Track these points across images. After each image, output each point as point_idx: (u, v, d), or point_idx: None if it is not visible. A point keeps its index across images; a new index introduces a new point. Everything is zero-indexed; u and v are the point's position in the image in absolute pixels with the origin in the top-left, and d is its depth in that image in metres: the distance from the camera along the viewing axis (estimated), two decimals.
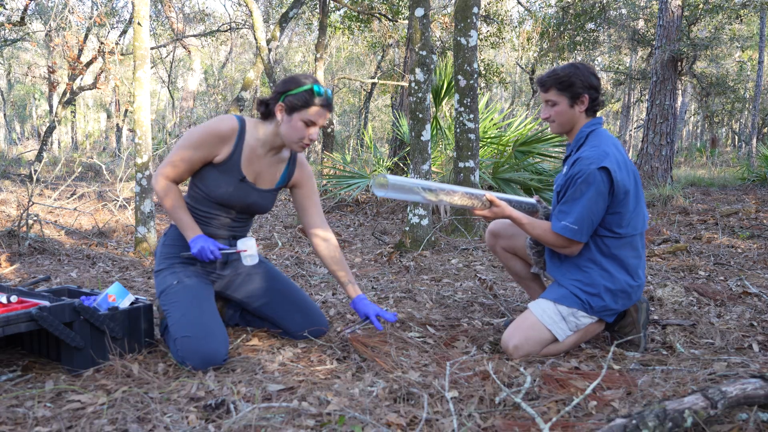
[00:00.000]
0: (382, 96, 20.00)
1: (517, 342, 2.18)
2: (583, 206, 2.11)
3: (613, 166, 2.09)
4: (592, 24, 12.26)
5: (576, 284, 2.22)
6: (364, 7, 11.57)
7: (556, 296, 2.23)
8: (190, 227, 2.22)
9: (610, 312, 2.24)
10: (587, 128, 2.23)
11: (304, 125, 2.16)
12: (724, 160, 17.51)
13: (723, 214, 6.17)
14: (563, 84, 2.19)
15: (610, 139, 2.20)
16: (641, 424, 1.45)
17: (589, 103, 2.21)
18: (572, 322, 2.21)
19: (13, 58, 24.64)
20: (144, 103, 4.24)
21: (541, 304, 2.25)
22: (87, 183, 9.77)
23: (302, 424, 1.63)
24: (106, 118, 29.45)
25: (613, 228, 2.17)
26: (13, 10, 11.87)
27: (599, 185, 2.09)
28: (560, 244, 2.20)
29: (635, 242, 2.22)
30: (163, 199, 2.22)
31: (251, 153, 2.25)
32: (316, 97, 2.14)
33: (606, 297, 2.20)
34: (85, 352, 2.02)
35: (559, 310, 2.21)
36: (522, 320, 2.23)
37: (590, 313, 2.21)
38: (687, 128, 27.92)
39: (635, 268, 2.23)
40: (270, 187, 2.36)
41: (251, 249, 2.27)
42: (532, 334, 2.18)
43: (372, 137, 9.42)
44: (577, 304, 2.20)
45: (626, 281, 2.21)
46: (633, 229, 2.19)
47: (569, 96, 2.19)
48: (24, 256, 4.12)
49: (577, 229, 2.13)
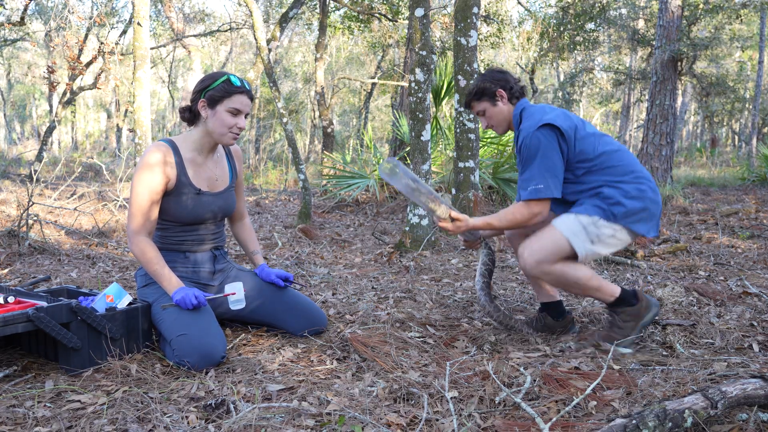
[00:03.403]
0: (382, 96, 20.00)
1: (534, 247, 2.19)
2: (539, 166, 2.21)
3: (551, 118, 2.22)
4: (592, 24, 12.25)
5: (593, 200, 2.25)
6: (364, 7, 11.57)
7: (577, 209, 2.25)
8: (168, 280, 2.18)
9: (635, 218, 2.22)
10: (517, 110, 2.40)
11: (230, 115, 2.22)
12: (724, 160, 17.50)
13: (723, 214, 6.17)
14: (477, 94, 2.43)
15: (542, 106, 2.33)
16: (641, 424, 1.45)
17: (507, 94, 2.40)
18: (593, 232, 2.20)
19: (13, 58, 24.65)
20: (144, 103, 4.23)
21: (561, 217, 2.27)
22: (87, 183, 9.77)
23: (302, 424, 1.63)
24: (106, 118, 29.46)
25: (587, 161, 2.25)
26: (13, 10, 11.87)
27: (545, 142, 2.20)
28: (533, 211, 2.25)
29: (617, 160, 2.26)
30: (140, 258, 2.20)
31: (193, 164, 2.29)
32: (234, 86, 2.21)
33: (626, 202, 2.21)
34: (83, 353, 2.02)
35: (580, 219, 2.22)
36: (541, 231, 2.25)
37: (613, 221, 2.21)
38: (687, 128, 27.91)
39: (636, 179, 2.25)
40: (225, 187, 2.41)
41: (239, 293, 2.29)
42: (548, 243, 2.19)
43: (372, 137, 9.42)
44: (598, 212, 2.21)
45: (637, 188, 2.23)
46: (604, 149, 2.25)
47: (488, 98, 2.41)
48: (24, 256, 4.11)
49: (542, 188, 2.21)
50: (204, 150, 2.32)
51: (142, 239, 2.20)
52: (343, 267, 4.04)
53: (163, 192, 2.24)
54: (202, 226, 2.35)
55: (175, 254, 2.32)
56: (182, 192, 2.26)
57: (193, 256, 2.36)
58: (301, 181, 6.34)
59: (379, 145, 18.22)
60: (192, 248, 2.35)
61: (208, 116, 2.24)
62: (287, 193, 10.10)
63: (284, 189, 10.95)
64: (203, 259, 2.38)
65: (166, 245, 2.32)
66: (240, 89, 2.21)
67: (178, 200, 2.26)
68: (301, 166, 6.38)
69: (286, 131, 6.30)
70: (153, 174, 2.19)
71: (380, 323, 2.56)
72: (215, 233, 2.42)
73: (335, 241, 5.17)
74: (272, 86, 6.29)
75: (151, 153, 2.21)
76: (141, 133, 4.22)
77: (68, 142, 28.10)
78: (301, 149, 20.69)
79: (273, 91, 6.31)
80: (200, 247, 2.37)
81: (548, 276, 2.22)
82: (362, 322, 2.58)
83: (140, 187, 2.18)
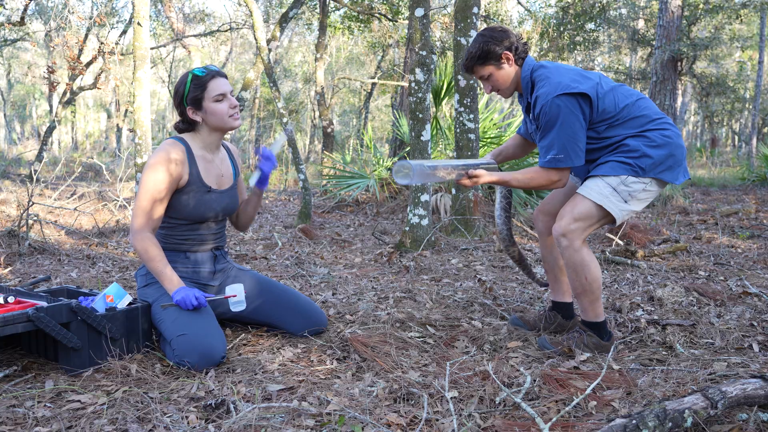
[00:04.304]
0: (382, 96, 20.00)
1: (571, 214, 2.14)
2: (559, 134, 2.12)
3: (570, 85, 2.11)
4: (592, 24, 12.26)
5: (618, 155, 2.18)
6: (364, 7, 11.57)
7: (602, 170, 2.18)
8: (169, 279, 2.18)
9: (662, 167, 2.16)
10: (526, 72, 2.26)
11: (218, 103, 2.24)
12: (724, 160, 17.50)
13: (723, 214, 6.17)
14: (481, 57, 2.24)
15: (557, 66, 2.22)
16: (641, 424, 1.45)
17: (513, 55, 2.24)
18: (624, 191, 2.15)
19: (13, 58, 24.64)
20: (144, 103, 4.24)
21: (588, 183, 2.20)
22: (87, 183, 9.77)
23: (302, 424, 1.63)
24: (106, 118, 29.46)
25: (610, 117, 2.17)
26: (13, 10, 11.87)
27: (564, 110, 2.10)
28: (551, 178, 2.19)
29: (638, 110, 2.18)
30: (143, 255, 2.20)
31: (204, 162, 2.32)
32: (201, 77, 2.23)
33: (652, 152, 2.14)
34: (83, 353, 2.02)
35: (608, 182, 2.16)
36: (571, 204, 2.19)
37: (642, 175, 2.15)
38: (687, 128, 27.90)
39: (660, 124, 2.18)
40: (230, 185, 2.43)
41: (240, 294, 2.29)
42: (583, 211, 2.14)
43: (372, 137, 9.42)
44: (625, 170, 2.15)
45: (661, 134, 2.16)
46: (625, 102, 2.18)
47: (493, 61, 2.24)
48: (24, 256, 4.11)
49: (563, 157, 2.14)
50: (212, 147, 2.35)
51: (146, 236, 2.20)
52: (343, 267, 4.04)
53: (173, 189, 2.24)
54: (204, 225, 2.35)
55: (175, 254, 2.33)
56: (193, 189, 2.27)
57: (194, 255, 2.36)
58: (301, 181, 6.34)
59: (379, 145, 18.21)
60: (193, 248, 2.35)
61: (203, 117, 2.27)
62: (287, 193, 10.10)
63: (284, 189, 10.95)
64: (204, 259, 2.38)
65: (167, 244, 2.32)
66: (209, 76, 2.23)
67: (189, 197, 2.27)
68: (301, 166, 6.38)
69: (286, 131, 6.30)
70: (164, 171, 2.19)
71: (380, 323, 2.56)
72: (216, 233, 2.42)
73: (335, 241, 5.17)
74: (272, 86, 6.29)
75: (165, 150, 2.21)
76: (141, 133, 4.22)
77: (68, 142, 28.10)
78: (301, 149, 20.69)
79: (273, 91, 6.31)
80: (201, 246, 2.37)
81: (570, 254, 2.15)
82: (362, 322, 2.58)
83: (150, 183, 2.18)
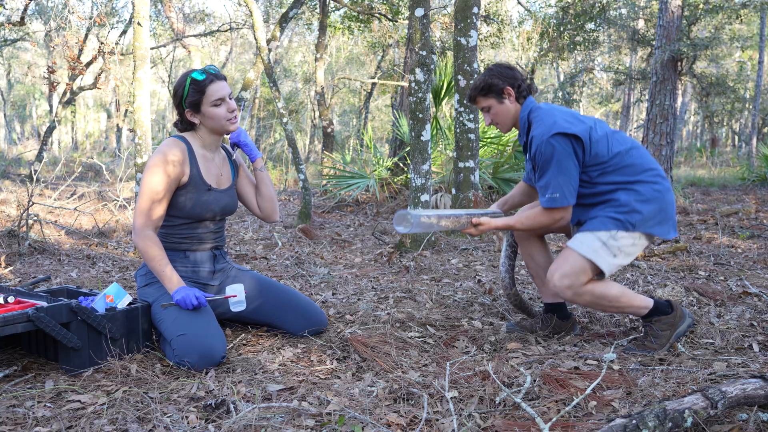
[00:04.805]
0: (382, 96, 20.00)
1: (561, 272, 2.18)
2: (554, 174, 2.19)
3: (563, 126, 2.19)
4: (592, 24, 12.25)
5: (608, 210, 2.22)
6: (364, 7, 11.57)
7: (592, 225, 2.23)
8: (170, 278, 2.18)
9: (652, 222, 2.20)
10: (524, 112, 2.35)
11: (216, 108, 2.24)
12: (724, 160, 17.50)
13: (723, 214, 6.17)
14: (484, 89, 2.35)
15: (551, 108, 2.29)
16: (641, 424, 1.45)
17: (515, 92, 2.34)
18: (613, 245, 2.19)
19: (13, 58, 24.64)
20: (144, 103, 4.24)
21: (578, 237, 2.25)
22: (87, 183, 9.77)
23: (302, 424, 1.63)
24: (106, 118, 29.45)
25: (602, 163, 2.23)
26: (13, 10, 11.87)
27: (559, 150, 2.18)
28: (554, 217, 2.24)
29: (631, 158, 2.23)
30: (144, 253, 2.20)
31: (204, 161, 2.33)
32: (200, 81, 2.22)
33: (641, 208, 2.18)
34: (83, 353, 2.02)
35: (599, 236, 2.20)
36: (562, 258, 2.23)
37: (631, 230, 2.19)
38: (687, 128, 27.91)
39: (651, 177, 2.23)
40: (230, 185, 2.43)
41: (240, 295, 2.29)
42: (574, 267, 2.17)
43: (372, 137, 9.42)
44: (615, 225, 2.19)
45: (651, 189, 2.21)
46: (618, 149, 2.23)
47: (495, 95, 2.35)
48: (24, 256, 4.11)
49: (558, 197, 2.20)
50: (212, 147, 2.36)
51: (148, 235, 2.20)
52: (343, 267, 4.04)
53: (173, 189, 2.25)
54: (203, 225, 2.35)
55: (175, 253, 2.33)
56: (194, 188, 2.28)
57: (193, 255, 2.36)
58: (301, 181, 6.34)
59: (379, 145, 18.21)
60: (192, 247, 2.35)
61: (201, 120, 2.28)
62: (287, 193, 10.09)
63: (284, 189, 10.94)
64: (203, 259, 2.39)
65: (167, 243, 2.32)
66: (208, 80, 2.22)
67: (189, 196, 2.27)
68: (301, 166, 6.38)
69: (286, 131, 6.30)
70: (162, 172, 2.19)
71: (380, 323, 2.56)
72: (215, 233, 2.42)
73: (335, 241, 5.17)
74: (272, 86, 6.29)
75: (166, 149, 2.22)
76: (141, 133, 4.22)
77: (68, 142, 28.09)
78: (301, 149, 20.69)
79: (273, 91, 6.31)
80: (200, 246, 2.37)
81: (582, 298, 2.21)
82: (362, 322, 2.58)
83: (148, 185, 2.19)
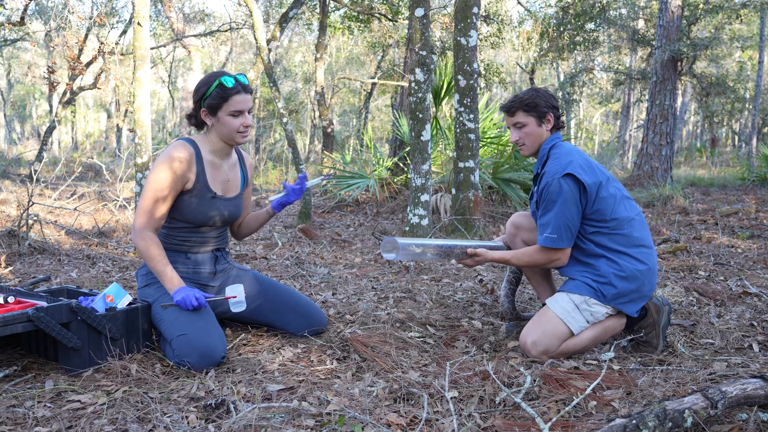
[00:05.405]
0: (382, 96, 20.00)
1: (535, 337, 2.18)
2: (556, 215, 2.20)
3: (577, 170, 2.19)
4: (592, 24, 12.26)
5: (586, 276, 2.25)
6: (364, 7, 11.57)
7: (569, 287, 2.27)
8: (170, 279, 2.18)
9: (624, 299, 2.23)
10: (548, 144, 2.34)
11: (232, 118, 2.22)
12: (724, 160, 17.50)
13: (723, 214, 6.17)
14: (529, 105, 2.30)
15: (571, 149, 2.29)
16: (641, 424, 1.45)
17: (554, 122, 2.33)
18: (586, 311, 2.21)
19: (13, 58, 24.64)
20: (144, 103, 4.24)
21: (555, 297, 2.28)
22: (87, 183, 9.77)
23: (302, 424, 1.63)
24: (106, 118, 29.46)
25: (600, 222, 2.23)
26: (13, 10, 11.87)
27: (567, 192, 2.18)
28: (549, 257, 2.27)
29: (629, 228, 2.24)
30: (144, 253, 2.19)
31: (212, 167, 2.30)
32: (228, 88, 2.19)
33: (617, 283, 2.21)
34: (83, 353, 2.02)
35: (572, 299, 2.23)
36: (539, 315, 2.26)
37: (603, 301, 2.22)
38: (687, 128, 27.91)
39: (639, 254, 2.24)
40: (236, 193, 2.41)
41: (240, 295, 2.29)
42: (548, 328, 2.19)
43: (372, 137, 9.42)
44: (589, 292, 2.22)
45: (634, 267, 2.22)
46: (620, 215, 2.23)
47: (536, 116, 2.31)
48: (24, 256, 4.11)
49: (556, 238, 2.21)
50: (221, 153, 2.33)
51: (148, 235, 2.19)
52: (343, 267, 4.04)
53: (179, 191, 2.23)
54: (205, 229, 2.35)
55: (176, 254, 2.32)
56: (198, 193, 2.26)
57: (195, 256, 2.36)
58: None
59: (379, 145, 18.21)
60: (193, 249, 2.35)
61: (213, 123, 2.25)
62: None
63: None
64: (204, 260, 2.38)
65: (168, 244, 2.32)
66: (235, 90, 2.19)
67: (193, 201, 2.26)
68: (301, 166, 6.37)
69: (286, 131, 6.30)
70: (168, 169, 2.18)
71: (380, 323, 2.56)
72: (218, 236, 2.42)
73: (335, 241, 5.17)
74: (272, 86, 6.29)
75: (174, 149, 2.20)
76: (141, 133, 4.22)
77: (68, 142, 28.09)
78: (301, 149, 20.70)
79: (273, 91, 6.30)
80: (202, 248, 2.37)
81: (558, 357, 2.21)
82: (362, 322, 2.58)
83: (153, 182, 2.18)
